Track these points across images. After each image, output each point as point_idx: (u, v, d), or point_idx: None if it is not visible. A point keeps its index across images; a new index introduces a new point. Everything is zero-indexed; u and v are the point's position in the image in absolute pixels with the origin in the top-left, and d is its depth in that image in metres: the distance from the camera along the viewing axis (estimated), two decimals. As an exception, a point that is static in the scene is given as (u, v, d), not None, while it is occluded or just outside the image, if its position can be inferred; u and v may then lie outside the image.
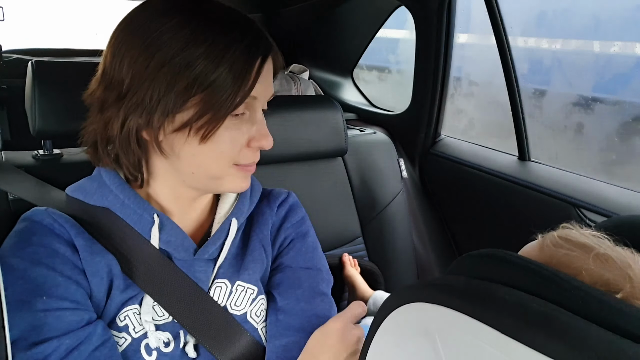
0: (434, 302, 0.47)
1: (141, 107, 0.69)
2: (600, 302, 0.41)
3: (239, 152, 0.75)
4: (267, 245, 0.89)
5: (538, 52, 1.99)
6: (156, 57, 0.67)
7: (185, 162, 0.74)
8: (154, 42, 0.68)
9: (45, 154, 1.12)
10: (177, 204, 0.82)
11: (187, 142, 0.71)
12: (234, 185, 0.78)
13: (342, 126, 1.64)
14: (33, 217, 0.76)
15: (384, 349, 0.53)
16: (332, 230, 1.67)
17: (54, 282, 0.70)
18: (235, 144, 0.74)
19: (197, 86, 0.67)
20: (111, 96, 0.71)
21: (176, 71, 0.67)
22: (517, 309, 0.40)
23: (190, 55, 0.67)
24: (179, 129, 0.70)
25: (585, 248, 0.55)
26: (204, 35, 0.68)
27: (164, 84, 0.67)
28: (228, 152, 0.74)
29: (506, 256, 0.47)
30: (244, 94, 0.70)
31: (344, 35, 2.34)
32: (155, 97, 0.68)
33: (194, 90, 0.67)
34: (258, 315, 0.83)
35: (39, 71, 1.02)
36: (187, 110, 0.69)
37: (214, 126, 0.70)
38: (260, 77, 0.72)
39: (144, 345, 0.74)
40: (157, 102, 0.68)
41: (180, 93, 0.67)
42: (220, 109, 0.69)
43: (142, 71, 0.68)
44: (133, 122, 0.70)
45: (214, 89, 0.68)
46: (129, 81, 0.69)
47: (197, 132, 0.70)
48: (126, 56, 0.69)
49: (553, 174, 1.53)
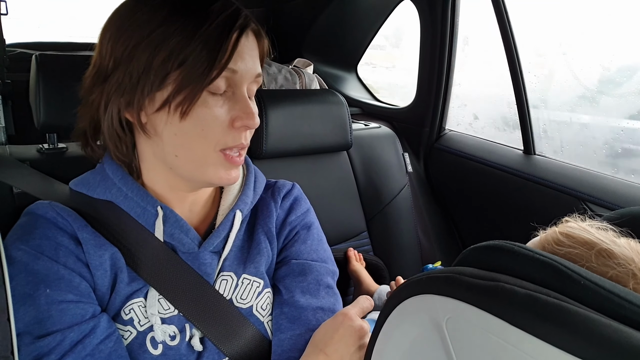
0: (441, 294, 0.47)
1: (122, 87, 0.71)
2: (610, 293, 0.40)
3: (223, 132, 0.73)
4: (272, 238, 0.89)
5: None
6: (134, 37, 0.69)
7: (168, 143, 0.74)
8: (132, 24, 0.70)
9: (49, 148, 1.12)
10: (174, 195, 0.82)
11: (169, 120, 0.71)
12: (219, 175, 0.76)
13: (347, 120, 1.64)
14: (36, 211, 0.76)
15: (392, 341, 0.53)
16: (336, 224, 1.67)
17: (57, 275, 0.70)
18: (216, 122, 0.72)
19: (173, 61, 0.68)
20: (97, 82, 0.73)
21: (152, 48, 0.68)
22: (527, 301, 0.40)
23: (165, 31, 0.68)
24: (159, 108, 0.71)
25: (587, 244, 0.55)
26: (179, 13, 0.69)
27: (142, 62, 0.69)
28: (210, 131, 0.72)
29: (514, 247, 0.47)
30: (220, 68, 0.70)
31: (348, 30, 2.34)
32: (135, 75, 0.69)
33: (170, 64, 0.68)
34: (264, 309, 0.83)
35: (43, 64, 1.02)
36: (166, 87, 0.70)
37: (191, 100, 0.70)
38: (239, 52, 0.72)
39: (150, 339, 0.74)
40: (136, 81, 0.70)
41: (158, 69, 0.69)
42: (197, 83, 0.69)
43: (122, 52, 0.70)
44: (115, 102, 0.72)
45: (190, 64, 0.68)
46: (112, 64, 0.71)
47: (177, 109, 0.70)
48: (109, 42, 0.71)
49: (559, 168, 1.53)
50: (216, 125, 0.72)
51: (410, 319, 0.50)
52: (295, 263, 0.88)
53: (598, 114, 1.61)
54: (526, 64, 1.57)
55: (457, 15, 1.77)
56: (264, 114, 1.44)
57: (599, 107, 1.61)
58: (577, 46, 1.64)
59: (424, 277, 0.51)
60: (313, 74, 2.27)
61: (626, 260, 0.52)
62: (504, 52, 1.57)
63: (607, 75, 1.56)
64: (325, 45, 2.42)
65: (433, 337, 0.46)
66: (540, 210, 1.52)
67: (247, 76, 0.74)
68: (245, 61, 0.73)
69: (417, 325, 0.49)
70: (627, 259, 0.52)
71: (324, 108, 1.60)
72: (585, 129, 1.64)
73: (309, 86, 2.16)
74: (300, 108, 1.55)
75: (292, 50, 2.43)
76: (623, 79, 1.51)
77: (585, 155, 1.57)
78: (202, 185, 0.83)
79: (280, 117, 1.49)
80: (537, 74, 1.63)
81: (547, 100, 1.68)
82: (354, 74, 2.54)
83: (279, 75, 2.12)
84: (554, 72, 1.73)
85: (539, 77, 1.63)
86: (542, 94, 1.67)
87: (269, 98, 1.48)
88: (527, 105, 1.58)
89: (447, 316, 0.45)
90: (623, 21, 1.46)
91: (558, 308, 0.39)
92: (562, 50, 1.66)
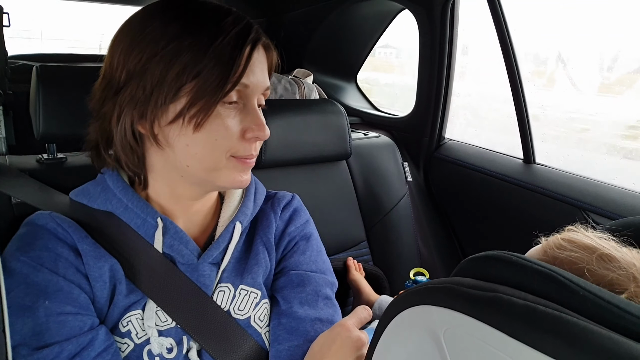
0: (439, 304, 0.46)
1: (135, 99, 0.71)
2: (609, 304, 0.40)
3: (234, 143, 0.74)
4: (271, 249, 0.88)
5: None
6: (148, 50, 0.69)
7: (180, 154, 0.74)
8: (145, 38, 0.70)
9: (49, 158, 1.12)
10: (178, 206, 0.82)
11: (182, 132, 0.72)
12: (231, 178, 0.77)
13: (346, 130, 1.64)
14: (36, 221, 0.76)
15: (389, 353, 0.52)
16: (336, 234, 1.67)
17: (56, 287, 0.69)
18: (228, 133, 0.73)
19: (187, 74, 0.69)
20: (109, 94, 0.73)
21: (167, 61, 0.69)
22: (525, 311, 0.40)
23: (179, 45, 0.69)
24: (173, 120, 0.71)
25: (588, 249, 0.55)
26: (193, 26, 0.70)
27: (156, 75, 0.69)
28: (222, 141, 0.73)
29: (512, 258, 0.46)
30: (234, 81, 0.71)
31: (347, 40, 2.34)
32: (148, 88, 0.70)
33: (184, 77, 0.69)
34: (262, 320, 0.83)
35: (43, 75, 1.03)
36: (180, 100, 0.70)
37: (205, 113, 0.70)
38: (251, 65, 0.73)
39: (147, 352, 0.74)
40: (150, 93, 0.70)
41: (172, 82, 0.69)
42: (211, 96, 0.70)
43: (135, 65, 0.70)
44: (128, 114, 0.72)
45: (203, 77, 0.69)
46: (124, 77, 0.71)
47: (190, 121, 0.70)
48: (121, 54, 0.71)
49: (559, 177, 1.52)
50: (228, 136, 0.73)
51: (408, 330, 0.50)
52: (294, 274, 0.87)
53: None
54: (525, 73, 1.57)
55: (456, 24, 1.78)
56: (263, 123, 1.44)
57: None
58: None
59: (422, 288, 0.50)
60: (312, 83, 2.27)
61: (627, 264, 0.52)
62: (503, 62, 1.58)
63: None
64: (325, 55, 2.43)
65: (431, 348, 0.45)
66: (540, 220, 1.52)
67: (257, 89, 0.76)
68: (256, 75, 0.75)
69: (415, 336, 0.49)
70: (628, 264, 0.52)
71: (324, 118, 1.60)
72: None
73: (309, 96, 2.17)
74: (300, 118, 1.55)
75: (291, 61, 2.44)
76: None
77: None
78: (213, 189, 0.84)
79: (280, 127, 1.49)
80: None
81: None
82: (354, 84, 2.55)
83: (279, 85, 2.13)
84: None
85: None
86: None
87: (269, 108, 1.48)
88: (527, 114, 1.58)
89: (445, 327, 0.45)
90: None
91: (556, 319, 0.38)
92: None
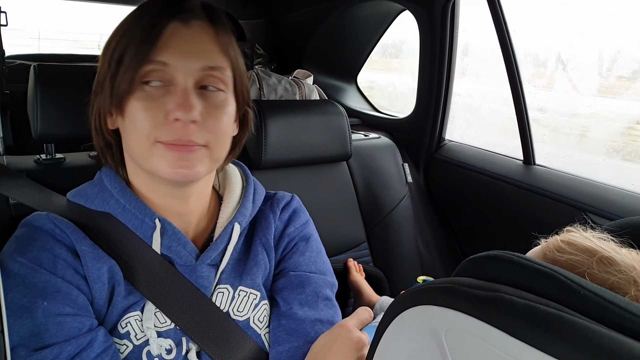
0: (440, 304, 0.46)
1: (96, 93, 0.75)
2: (610, 303, 0.40)
3: (155, 126, 0.70)
4: (270, 249, 0.88)
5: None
6: (108, 49, 0.73)
7: (124, 144, 0.76)
8: (111, 37, 0.74)
9: (47, 158, 1.11)
10: (167, 204, 0.81)
11: (117, 120, 0.74)
12: (163, 167, 0.71)
13: (347, 131, 1.64)
14: (34, 222, 0.75)
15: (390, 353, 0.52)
16: (336, 235, 1.67)
17: (55, 288, 0.69)
18: (148, 116, 0.70)
19: (115, 62, 0.70)
20: (94, 94, 0.77)
21: (108, 53, 0.72)
22: (526, 311, 0.39)
23: (114, 35, 0.73)
24: (112, 111, 0.74)
25: (588, 252, 0.54)
26: (134, 16, 0.73)
27: (104, 67, 0.73)
28: (142, 126, 0.70)
29: (513, 258, 0.46)
30: (141, 59, 0.69)
31: (348, 41, 2.35)
32: (102, 81, 0.74)
33: (112, 65, 0.71)
34: (261, 321, 0.82)
35: (41, 75, 1.02)
36: (115, 89, 0.71)
37: (121, 97, 0.71)
38: (168, 44, 0.70)
39: (146, 353, 0.73)
40: (102, 85, 0.74)
41: (108, 73, 0.72)
42: (124, 78, 0.70)
43: (101, 63, 0.75)
44: (96, 108, 0.76)
45: (124, 62, 0.70)
46: (98, 76, 0.75)
47: (118, 108, 0.72)
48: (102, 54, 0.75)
49: (559, 178, 1.52)
50: (148, 118, 0.70)
51: (409, 331, 0.50)
52: (294, 275, 0.87)
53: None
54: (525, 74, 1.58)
55: (456, 25, 1.78)
56: (263, 124, 1.44)
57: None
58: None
59: (423, 288, 0.50)
60: (313, 84, 2.27)
61: (627, 267, 0.51)
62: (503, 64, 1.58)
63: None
64: (325, 56, 2.43)
65: (432, 348, 0.45)
66: (540, 221, 1.52)
67: (183, 69, 0.71)
68: (179, 51, 0.70)
69: (416, 336, 0.48)
70: (628, 267, 0.52)
71: (324, 118, 1.60)
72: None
73: (309, 97, 2.17)
74: (300, 119, 1.55)
75: (292, 61, 2.44)
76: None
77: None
78: (163, 181, 0.77)
79: (280, 127, 1.49)
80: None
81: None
82: (354, 85, 2.55)
83: (279, 86, 2.13)
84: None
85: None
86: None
87: (269, 109, 1.48)
88: (527, 115, 1.59)
89: (446, 327, 0.45)
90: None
91: (558, 318, 0.38)
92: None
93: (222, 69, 0.74)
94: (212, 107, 0.73)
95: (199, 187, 0.82)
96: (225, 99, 0.75)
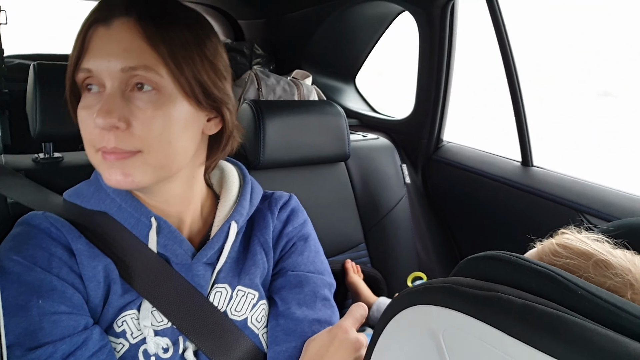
0: (438, 304, 0.46)
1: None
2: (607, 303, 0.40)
3: (93, 135, 0.69)
4: (269, 249, 0.88)
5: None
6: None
7: None
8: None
9: (45, 158, 1.11)
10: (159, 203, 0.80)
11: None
12: (105, 175, 0.71)
13: (345, 131, 1.64)
14: (30, 221, 0.75)
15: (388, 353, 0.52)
16: (334, 236, 1.67)
17: (50, 286, 0.69)
18: (87, 125, 0.70)
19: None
20: None
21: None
22: (524, 310, 0.40)
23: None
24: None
25: (584, 255, 0.55)
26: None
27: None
28: (84, 135, 0.71)
29: (511, 258, 0.46)
30: (73, 68, 0.71)
31: (347, 41, 2.34)
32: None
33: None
34: (259, 321, 0.82)
35: (40, 73, 1.02)
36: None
37: (72, 105, 0.74)
38: (91, 48, 0.69)
39: (142, 351, 0.73)
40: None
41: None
42: (67, 86, 0.73)
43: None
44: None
45: (67, 69, 0.73)
46: None
47: (75, 115, 0.74)
48: None
49: (556, 179, 1.53)
50: (86, 126, 0.70)
51: (407, 330, 0.50)
52: (292, 275, 0.87)
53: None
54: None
55: (455, 27, 1.78)
56: (261, 124, 1.44)
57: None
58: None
59: (421, 288, 0.50)
60: (311, 85, 2.27)
61: (623, 270, 0.52)
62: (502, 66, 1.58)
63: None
64: (324, 57, 2.43)
65: (430, 348, 0.45)
66: (537, 222, 1.52)
67: (106, 72, 0.67)
68: (99, 56, 0.68)
69: (414, 336, 0.48)
70: (624, 270, 0.52)
71: (322, 119, 1.60)
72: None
73: (307, 97, 2.17)
74: (298, 119, 1.55)
75: (291, 62, 2.44)
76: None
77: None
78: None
79: (278, 127, 1.49)
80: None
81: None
82: (352, 86, 2.55)
83: (277, 87, 2.13)
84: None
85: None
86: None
87: (267, 109, 1.48)
88: (525, 117, 1.59)
89: (444, 327, 0.45)
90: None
91: (555, 318, 0.38)
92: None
93: (146, 67, 0.67)
94: (141, 110, 0.68)
95: (175, 189, 0.79)
96: (159, 100, 0.69)
